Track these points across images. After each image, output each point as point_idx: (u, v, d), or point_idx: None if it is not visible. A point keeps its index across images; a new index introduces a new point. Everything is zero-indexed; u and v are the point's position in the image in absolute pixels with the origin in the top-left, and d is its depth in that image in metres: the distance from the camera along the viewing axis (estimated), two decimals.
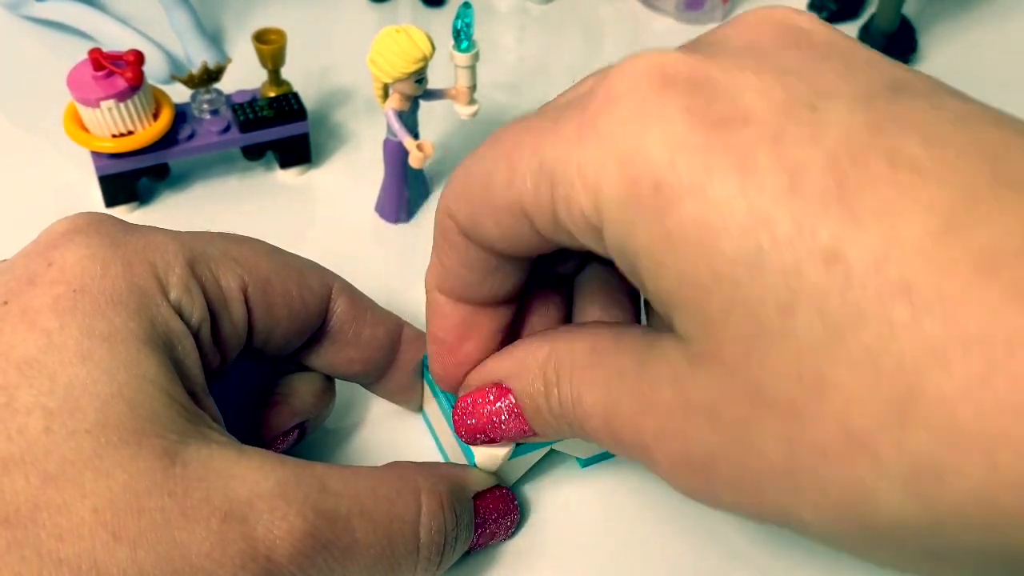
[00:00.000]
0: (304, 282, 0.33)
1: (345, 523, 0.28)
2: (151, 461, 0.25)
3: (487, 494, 0.34)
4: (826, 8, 0.59)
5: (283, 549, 0.26)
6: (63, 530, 0.24)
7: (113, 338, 0.26)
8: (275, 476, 0.27)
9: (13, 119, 0.51)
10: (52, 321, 0.26)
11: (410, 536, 0.29)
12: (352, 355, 0.35)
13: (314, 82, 0.53)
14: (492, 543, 0.34)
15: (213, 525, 0.25)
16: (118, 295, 0.27)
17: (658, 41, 0.58)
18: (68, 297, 0.27)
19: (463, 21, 0.41)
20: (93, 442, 0.25)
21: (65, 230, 0.29)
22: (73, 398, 0.25)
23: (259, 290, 0.31)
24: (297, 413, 0.34)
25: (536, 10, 0.60)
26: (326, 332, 0.34)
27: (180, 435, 0.26)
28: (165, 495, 0.25)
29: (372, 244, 0.46)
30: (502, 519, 0.34)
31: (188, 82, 0.44)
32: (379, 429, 0.38)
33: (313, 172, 0.49)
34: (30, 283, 0.27)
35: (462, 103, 0.43)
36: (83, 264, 0.27)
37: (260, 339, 0.32)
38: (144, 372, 0.26)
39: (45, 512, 0.24)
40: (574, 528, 0.36)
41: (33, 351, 0.26)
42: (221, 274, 0.30)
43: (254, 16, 0.57)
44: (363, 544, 0.28)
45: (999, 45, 0.59)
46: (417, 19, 0.58)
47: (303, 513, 0.27)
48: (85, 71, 0.42)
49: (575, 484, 0.37)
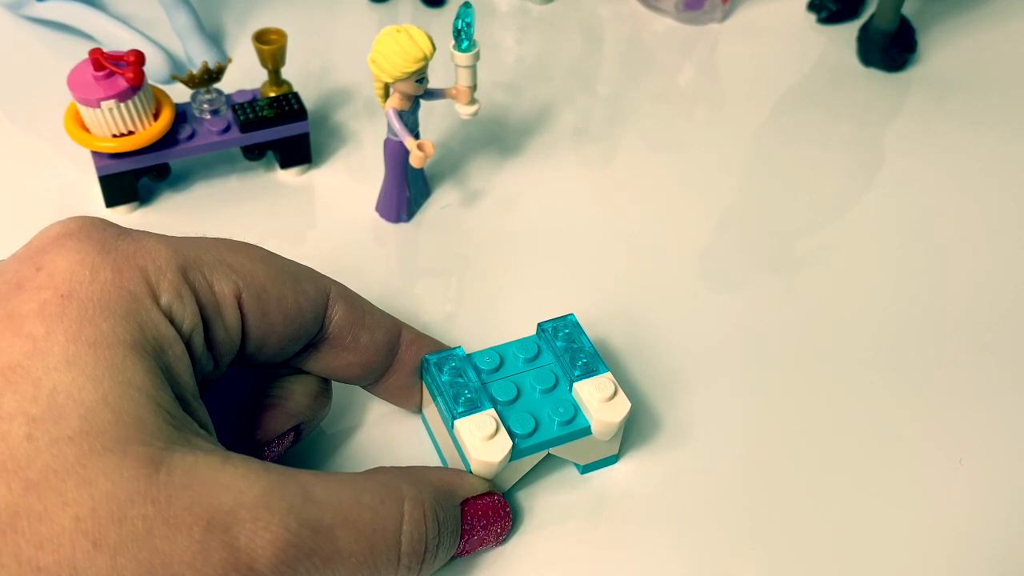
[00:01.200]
0: (300, 288, 0.32)
1: (328, 533, 0.28)
2: (135, 469, 0.25)
3: (477, 500, 0.33)
4: (826, 8, 0.59)
5: (265, 559, 0.26)
6: (43, 538, 0.24)
7: (99, 344, 0.26)
8: (259, 485, 0.27)
9: (13, 119, 0.51)
10: (38, 327, 0.26)
11: (392, 544, 0.29)
12: (351, 359, 0.34)
13: (314, 82, 0.53)
14: (482, 549, 0.34)
15: (195, 534, 0.25)
16: (107, 300, 0.27)
17: (658, 41, 0.59)
18: (55, 302, 0.26)
19: (463, 21, 0.41)
20: (76, 450, 0.25)
21: (56, 235, 0.29)
22: (57, 405, 0.25)
23: (254, 296, 0.31)
24: (293, 416, 0.34)
25: (536, 10, 0.60)
26: (325, 338, 0.34)
27: (166, 442, 0.26)
28: (148, 503, 0.25)
29: (372, 244, 0.46)
30: (491, 526, 0.34)
31: (188, 82, 0.44)
32: (377, 431, 0.38)
33: (313, 172, 0.49)
34: (18, 288, 0.27)
35: (462, 103, 0.43)
36: (72, 269, 0.27)
37: (254, 345, 0.32)
38: (130, 378, 0.26)
39: (25, 520, 0.24)
40: (567, 536, 0.35)
41: (18, 357, 0.26)
42: (215, 280, 0.30)
43: (254, 16, 0.57)
44: (345, 553, 0.28)
45: (999, 45, 0.59)
46: (417, 19, 0.58)
47: (286, 523, 0.27)
48: (85, 71, 0.42)
49: (571, 491, 0.37)
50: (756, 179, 0.50)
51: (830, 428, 0.39)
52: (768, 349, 0.42)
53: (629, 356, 0.41)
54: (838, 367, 0.41)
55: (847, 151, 0.52)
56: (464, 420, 0.33)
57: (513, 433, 0.34)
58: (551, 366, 0.36)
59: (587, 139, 0.52)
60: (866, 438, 0.39)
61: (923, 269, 0.46)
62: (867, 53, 0.57)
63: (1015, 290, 0.45)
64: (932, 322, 0.44)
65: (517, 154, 0.51)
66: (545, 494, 0.36)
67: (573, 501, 0.36)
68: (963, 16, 0.61)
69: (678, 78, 0.57)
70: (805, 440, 0.39)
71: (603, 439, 0.35)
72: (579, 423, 0.35)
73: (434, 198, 0.48)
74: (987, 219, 0.49)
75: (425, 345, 0.36)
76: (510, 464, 0.34)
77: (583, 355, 0.36)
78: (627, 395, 0.37)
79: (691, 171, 0.50)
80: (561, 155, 0.51)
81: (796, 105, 0.55)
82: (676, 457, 0.38)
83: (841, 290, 0.45)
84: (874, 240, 0.47)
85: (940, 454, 0.38)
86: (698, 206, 0.49)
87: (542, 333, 0.37)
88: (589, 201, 0.48)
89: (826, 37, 0.59)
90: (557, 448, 0.35)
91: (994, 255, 0.47)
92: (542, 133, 0.52)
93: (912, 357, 0.42)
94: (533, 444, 0.34)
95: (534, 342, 0.37)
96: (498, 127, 0.52)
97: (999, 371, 0.42)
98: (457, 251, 0.46)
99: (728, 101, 0.55)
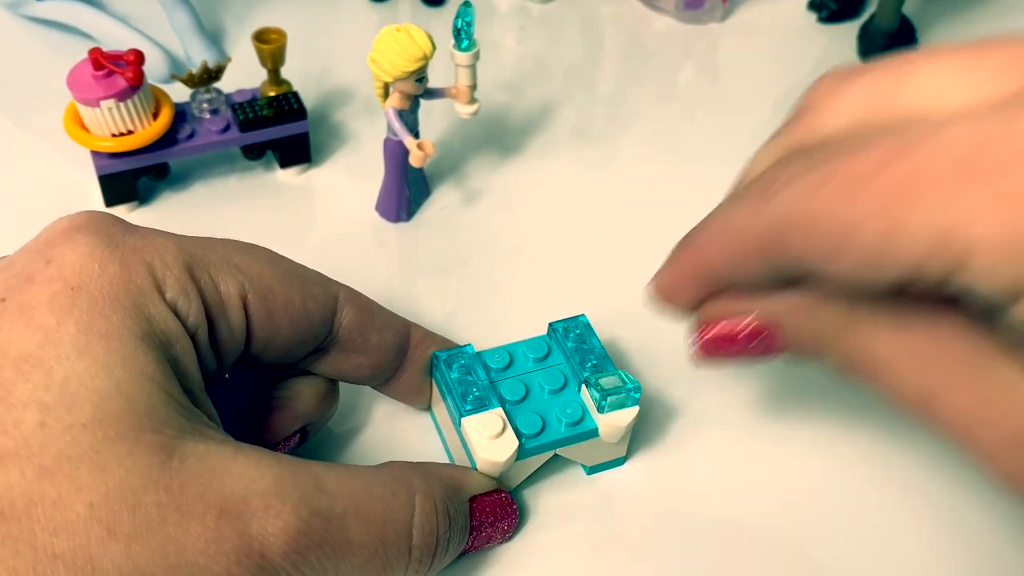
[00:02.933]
0: (308, 292, 0.32)
1: (339, 523, 0.28)
2: (148, 456, 0.25)
3: (485, 497, 0.34)
4: (826, 7, 0.59)
5: (277, 546, 0.26)
6: (58, 525, 0.24)
7: (110, 335, 0.26)
8: (271, 474, 0.27)
9: (13, 119, 0.51)
10: (49, 318, 0.26)
11: (403, 537, 0.30)
12: (361, 361, 0.34)
13: (314, 82, 0.53)
14: (488, 546, 0.34)
15: (208, 522, 0.25)
16: (115, 293, 0.27)
17: (658, 41, 0.59)
18: (65, 294, 0.27)
19: (463, 20, 0.41)
20: (90, 437, 0.25)
21: (64, 228, 0.29)
22: (70, 393, 0.25)
23: (260, 298, 0.31)
24: (300, 416, 0.34)
25: (536, 10, 0.60)
26: (335, 341, 0.34)
27: (177, 431, 0.26)
28: (161, 490, 0.25)
29: (372, 244, 0.46)
30: (499, 523, 0.34)
31: (188, 82, 0.44)
32: (385, 429, 0.38)
33: (313, 172, 0.49)
34: (28, 280, 0.27)
35: (462, 102, 0.43)
36: (81, 262, 0.28)
37: (259, 347, 0.32)
38: (142, 368, 0.26)
39: (40, 507, 0.24)
40: (573, 535, 0.35)
41: (30, 347, 0.26)
42: (221, 280, 0.30)
43: (254, 16, 0.57)
44: (356, 544, 0.28)
45: None
46: (417, 18, 0.58)
47: (297, 512, 0.27)
48: (85, 71, 0.42)
49: (578, 490, 0.37)
50: None
51: (840, 430, 0.39)
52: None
53: (636, 358, 0.41)
54: None
55: None
56: (471, 418, 0.34)
57: (520, 433, 0.34)
58: (561, 366, 0.36)
59: (587, 139, 0.52)
60: (876, 440, 0.39)
61: None
62: (867, 53, 0.57)
63: None
64: None
65: (517, 154, 0.50)
66: (551, 494, 0.36)
67: (579, 501, 0.36)
68: (963, 16, 0.61)
69: (678, 78, 0.57)
70: (814, 442, 0.39)
71: (610, 441, 0.35)
72: (587, 424, 0.34)
73: (434, 198, 0.48)
74: None
75: (434, 343, 0.36)
76: (516, 463, 0.34)
77: (593, 356, 0.36)
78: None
79: (691, 170, 0.50)
80: (561, 155, 0.51)
81: None
82: (683, 460, 0.38)
83: None
84: None
85: (949, 454, 0.38)
86: (698, 206, 0.48)
87: (552, 333, 0.37)
88: (589, 201, 0.48)
89: (826, 37, 0.59)
90: (564, 449, 0.35)
91: None
92: (542, 133, 0.52)
93: None
94: (539, 444, 0.34)
95: (544, 341, 0.37)
96: (498, 127, 0.52)
97: None
98: (457, 251, 0.46)
99: (728, 101, 0.55)
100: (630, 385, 0.34)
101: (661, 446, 0.38)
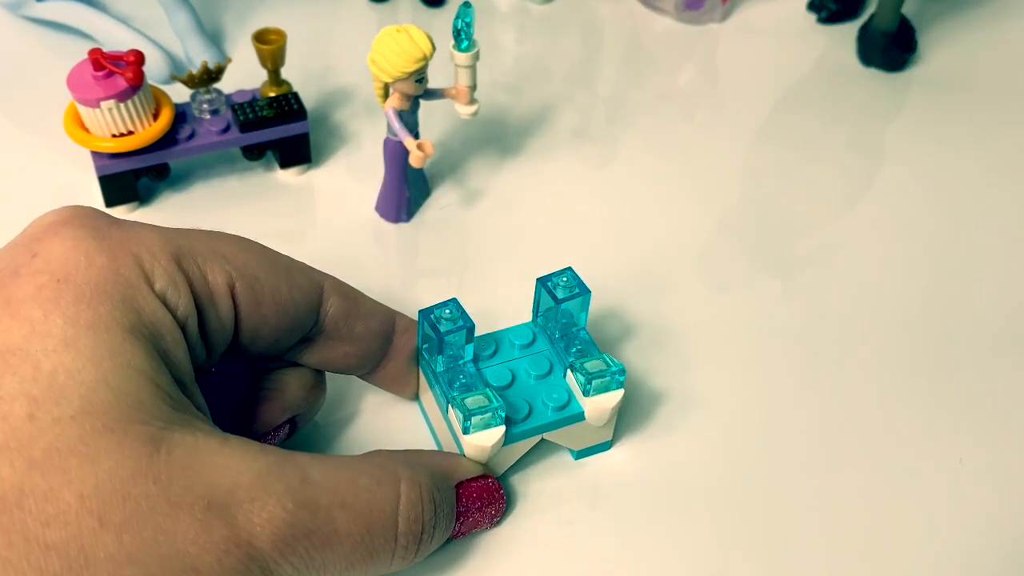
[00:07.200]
0: (294, 281, 0.33)
1: (326, 514, 0.28)
2: (136, 448, 0.25)
3: (472, 483, 0.34)
4: (826, 8, 0.59)
5: (264, 537, 0.26)
6: (49, 516, 0.24)
7: (97, 326, 0.26)
8: (256, 466, 0.27)
9: (13, 119, 0.51)
10: (35, 310, 0.26)
11: (389, 525, 0.30)
12: (347, 349, 0.35)
13: (314, 82, 0.53)
14: (476, 531, 0.35)
15: (197, 513, 0.26)
16: (103, 285, 0.27)
17: (658, 41, 0.59)
18: (51, 287, 0.27)
19: (463, 21, 0.41)
20: (78, 429, 0.25)
21: (50, 222, 0.29)
22: (57, 385, 0.25)
23: (247, 287, 0.31)
24: (288, 408, 0.35)
25: (536, 10, 0.60)
26: (321, 331, 0.34)
27: (165, 422, 0.26)
28: (150, 482, 0.25)
29: (372, 244, 0.46)
30: (486, 508, 0.34)
31: (188, 82, 0.44)
32: (372, 419, 0.38)
33: (313, 172, 0.49)
34: (14, 274, 0.27)
35: (462, 103, 0.43)
36: (67, 255, 0.28)
37: (248, 336, 0.32)
38: (129, 360, 0.27)
39: (31, 498, 0.24)
40: (561, 520, 0.36)
41: (16, 340, 0.26)
42: (208, 269, 0.30)
43: (254, 16, 0.57)
44: (343, 533, 0.29)
45: (999, 45, 0.59)
46: (417, 19, 0.58)
47: (283, 504, 0.27)
48: (85, 71, 0.42)
49: (565, 475, 0.37)
50: (756, 179, 0.50)
51: (828, 425, 0.39)
52: (766, 346, 0.42)
53: (624, 344, 0.41)
54: (836, 365, 0.41)
55: (847, 151, 0.52)
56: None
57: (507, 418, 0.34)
58: (546, 352, 0.36)
59: (587, 139, 0.52)
60: (865, 436, 0.39)
61: (923, 268, 0.46)
62: (867, 53, 0.57)
63: (1015, 290, 0.45)
64: (932, 321, 0.44)
65: (517, 154, 0.51)
66: (539, 479, 0.37)
67: (567, 486, 0.37)
68: (963, 16, 0.61)
69: (678, 78, 0.57)
70: (801, 434, 0.39)
71: (596, 424, 0.36)
72: (573, 408, 0.35)
73: (434, 198, 0.48)
74: (987, 219, 0.49)
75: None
76: (504, 448, 0.34)
77: (578, 342, 0.36)
78: None
79: (691, 171, 0.50)
80: (561, 155, 0.51)
81: (796, 105, 0.55)
82: (669, 444, 0.38)
83: (841, 289, 0.45)
84: (874, 239, 0.47)
85: (940, 453, 0.38)
86: (698, 206, 0.49)
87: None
88: (589, 201, 0.48)
89: (826, 37, 0.59)
90: (551, 433, 0.35)
91: (994, 255, 0.47)
92: (542, 133, 0.52)
93: (912, 355, 0.42)
94: (526, 429, 0.34)
95: (530, 328, 0.37)
96: (498, 127, 0.52)
97: (999, 370, 0.42)
98: (457, 251, 0.46)
99: (728, 101, 0.55)
100: (615, 368, 0.35)
101: (647, 431, 0.38)
